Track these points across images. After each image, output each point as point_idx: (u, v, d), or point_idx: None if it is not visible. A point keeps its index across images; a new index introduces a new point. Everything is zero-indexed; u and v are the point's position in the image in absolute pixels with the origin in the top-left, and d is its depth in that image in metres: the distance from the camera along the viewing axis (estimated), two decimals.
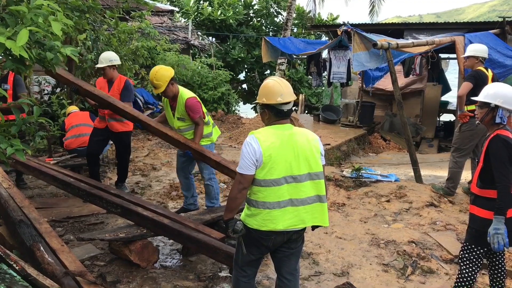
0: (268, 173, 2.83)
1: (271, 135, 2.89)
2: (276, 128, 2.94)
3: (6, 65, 2.89)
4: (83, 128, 6.75)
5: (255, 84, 20.33)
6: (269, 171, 2.83)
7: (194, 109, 5.00)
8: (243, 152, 2.86)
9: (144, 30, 10.72)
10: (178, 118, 5.10)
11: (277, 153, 2.83)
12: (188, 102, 4.97)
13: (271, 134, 2.90)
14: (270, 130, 2.94)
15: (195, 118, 5.00)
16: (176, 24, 16.74)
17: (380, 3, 19.90)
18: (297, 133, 2.96)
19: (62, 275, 3.30)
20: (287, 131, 2.93)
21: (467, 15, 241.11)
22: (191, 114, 5.00)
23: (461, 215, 5.70)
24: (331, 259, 4.55)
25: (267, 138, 2.86)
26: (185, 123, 5.11)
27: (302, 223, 2.92)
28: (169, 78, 4.87)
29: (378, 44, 6.94)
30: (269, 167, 2.82)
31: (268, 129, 2.96)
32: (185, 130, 5.15)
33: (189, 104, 4.98)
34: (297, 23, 21.58)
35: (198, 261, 4.41)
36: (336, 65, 10.69)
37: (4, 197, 4.53)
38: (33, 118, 3.59)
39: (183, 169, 5.45)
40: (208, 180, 5.29)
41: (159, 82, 4.84)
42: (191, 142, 5.03)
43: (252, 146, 2.83)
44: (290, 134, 2.92)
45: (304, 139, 2.94)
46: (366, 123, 11.66)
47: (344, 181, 6.98)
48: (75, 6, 3.90)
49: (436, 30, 11.26)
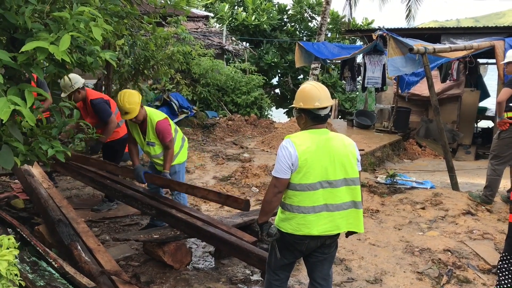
0: (303, 177, 2.82)
1: (307, 139, 2.88)
2: (312, 132, 2.93)
3: (48, 69, 2.98)
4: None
5: (288, 89, 20.33)
6: (304, 176, 2.82)
7: (164, 133, 4.71)
8: (279, 156, 2.86)
9: (180, 36, 10.89)
10: (148, 143, 4.81)
11: (313, 157, 2.82)
12: (158, 126, 4.70)
13: (307, 138, 2.89)
14: (306, 134, 2.93)
15: (166, 142, 4.72)
16: (211, 29, 16.94)
17: (417, 7, 19.59)
18: (334, 138, 2.94)
19: (98, 274, 3.39)
20: (323, 135, 2.92)
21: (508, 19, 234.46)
22: (161, 137, 4.72)
23: (499, 224, 5.53)
24: (364, 266, 4.50)
25: (303, 142, 2.86)
26: (155, 149, 4.83)
27: (337, 228, 2.91)
28: (139, 101, 4.57)
29: (415, 48, 6.84)
30: (305, 171, 2.81)
31: (304, 133, 2.95)
32: (155, 156, 4.89)
33: (160, 128, 4.70)
34: (331, 28, 21.46)
35: (230, 264, 4.44)
36: (371, 69, 10.57)
37: (44, 197, 4.69)
38: (73, 121, 3.70)
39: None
40: (177, 194, 5.04)
41: (132, 106, 4.48)
42: (156, 178, 4.83)
43: (288, 150, 2.83)
44: (327, 139, 2.90)
45: (340, 144, 2.92)
46: (401, 129, 11.47)
47: (378, 187, 6.89)
48: (114, 12, 3.98)
49: (475, 34, 11.00)
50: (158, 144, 4.78)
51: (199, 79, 12.81)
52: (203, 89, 12.97)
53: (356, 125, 12.32)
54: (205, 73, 12.85)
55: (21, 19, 2.75)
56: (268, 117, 15.24)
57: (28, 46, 2.49)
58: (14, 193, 5.78)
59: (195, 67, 12.73)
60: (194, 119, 11.66)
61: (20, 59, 2.62)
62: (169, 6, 5.58)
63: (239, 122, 12.38)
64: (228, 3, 21.03)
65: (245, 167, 7.86)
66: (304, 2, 21.11)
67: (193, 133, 10.82)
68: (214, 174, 7.82)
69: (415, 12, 19.59)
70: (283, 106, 21.98)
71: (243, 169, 7.77)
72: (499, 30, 11.33)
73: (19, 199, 5.55)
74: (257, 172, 7.55)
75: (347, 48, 11.56)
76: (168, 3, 5.60)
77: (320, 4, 19.23)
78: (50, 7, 2.97)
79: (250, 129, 12.19)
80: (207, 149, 9.66)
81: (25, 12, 2.74)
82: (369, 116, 12.64)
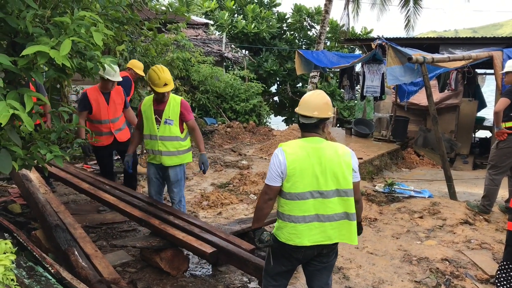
0: (292, 186, 2.81)
1: (298, 148, 2.87)
2: (305, 141, 2.92)
3: (48, 74, 2.98)
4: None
5: (287, 97, 20.39)
6: (293, 184, 2.81)
7: (188, 109, 4.81)
8: (270, 164, 2.89)
9: (180, 42, 10.92)
10: (166, 121, 4.68)
11: (302, 166, 2.81)
12: (183, 102, 4.76)
13: (299, 146, 2.88)
14: (299, 142, 2.92)
15: (190, 118, 4.78)
16: (211, 37, 17.00)
17: (416, 17, 19.67)
18: (326, 147, 2.89)
19: (96, 281, 3.36)
20: (315, 144, 2.89)
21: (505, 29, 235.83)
22: (186, 114, 4.73)
23: (497, 234, 5.53)
24: (362, 275, 4.49)
25: (293, 150, 2.85)
26: (171, 128, 4.71)
27: (329, 239, 2.87)
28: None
29: (413, 58, 6.86)
30: (294, 180, 2.80)
31: (297, 141, 2.94)
32: (169, 139, 4.75)
33: (185, 105, 4.77)
34: (330, 37, 21.56)
35: (227, 271, 4.42)
36: (369, 78, 10.61)
37: (41, 202, 4.67)
38: (71, 125, 3.69)
39: (159, 192, 5.12)
40: (178, 203, 5.00)
41: (171, 77, 4.64)
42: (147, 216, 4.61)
43: (278, 158, 2.84)
44: (318, 148, 2.87)
45: (333, 154, 2.87)
46: (399, 138, 11.49)
47: (377, 196, 6.89)
48: (115, 18, 4.00)
49: (473, 45, 11.03)
50: (176, 124, 4.73)
51: (198, 86, 12.84)
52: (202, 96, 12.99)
53: (354, 134, 12.35)
54: (204, 80, 12.88)
55: (22, 24, 2.75)
56: (267, 125, 15.27)
57: (28, 50, 2.50)
58: (12, 197, 5.77)
59: (194, 74, 12.75)
60: None
61: (20, 63, 2.63)
62: (170, 12, 5.61)
63: (237, 129, 12.39)
64: (228, 11, 21.14)
65: (243, 174, 7.86)
66: (304, 11, 21.24)
67: (191, 140, 10.80)
68: (212, 181, 7.81)
69: (414, 22, 19.64)
70: (281, 113, 22.03)
71: (241, 176, 7.76)
72: (497, 41, 11.39)
73: (16, 204, 5.54)
74: (255, 180, 7.54)
75: (346, 57, 11.60)
76: (169, 10, 5.64)
77: (320, 13, 19.38)
78: (51, 12, 2.98)
79: (248, 136, 12.19)
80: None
81: (26, 16, 2.75)
82: (368, 124, 12.67)
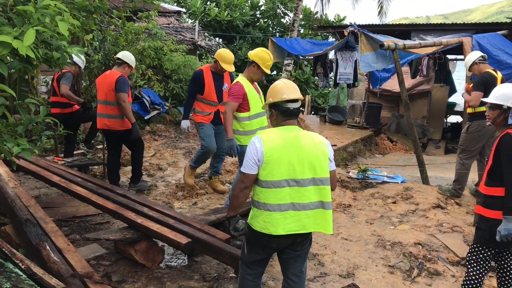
0: (269, 174, 2.81)
1: (276, 136, 2.87)
2: (282, 129, 2.92)
3: (12, 65, 2.89)
4: None
5: (262, 85, 20.25)
6: (270, 172, 2.81)
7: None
8: (247, 151, 2.87)
9: (151, 31, 10.74)
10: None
11: (279, 154, 2.81)
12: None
13: (276, 135, 2.88)
14: (277, 131, 2.92)
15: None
16: (183, 25, 16.75)
17: (388, 4, 19.81)
18: (304, 136, 2.91)
19: (69, 276, 3.30)
20: (293, 133, 2.90)
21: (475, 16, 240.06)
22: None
23: (468, 217, 5.66)
24: (336, 260, 4.54)
25: (271, 138, 2.85)
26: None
27: (303, 228, 2.87)
28: None
29: (385, 45, 6.91)
30: (270, 168, 2.80)
31: (274, 130, 2.94)
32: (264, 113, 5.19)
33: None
34: (304, 24, 21.52)
35: (203, 262, 4.40)
36: (342, 66, 10.66)
37: (10, 196, 4.56)
38: (39, 117, 3.60)
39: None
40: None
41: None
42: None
43: (255, 146, 2.83)
44: (296, 137, 2.88)
45: (310, 142, 2.89)
46: (372, 124, 11.61)
47: (350, 182, 6.96)
48: (82, 6, 3.89)
49: (444, 31, 11.18)
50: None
51: (171, 75, 12.66)
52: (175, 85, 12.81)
53: (328, 121, 12.41)
54: (177, 69, 12.70)
55: None
56: None
57: None
58: None
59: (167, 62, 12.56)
60: (166, 116, 11.53)
61: None
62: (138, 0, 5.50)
63: None
64: None
65: None
66: None
67: (165, 130, 10.70)
68: None
69: (387, 9, 19.81)
70: None
71: None
72: (467, 27, 11.56)
73: None
74: (230, 169, 7.52)
75: (319, 44, 11.62)
76: None
77: (293, 0, 19.27)
78: (14, 0, 2.88)
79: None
80: (180, 146, 9.58)
81: None
82: (341, 112, 12.76)
